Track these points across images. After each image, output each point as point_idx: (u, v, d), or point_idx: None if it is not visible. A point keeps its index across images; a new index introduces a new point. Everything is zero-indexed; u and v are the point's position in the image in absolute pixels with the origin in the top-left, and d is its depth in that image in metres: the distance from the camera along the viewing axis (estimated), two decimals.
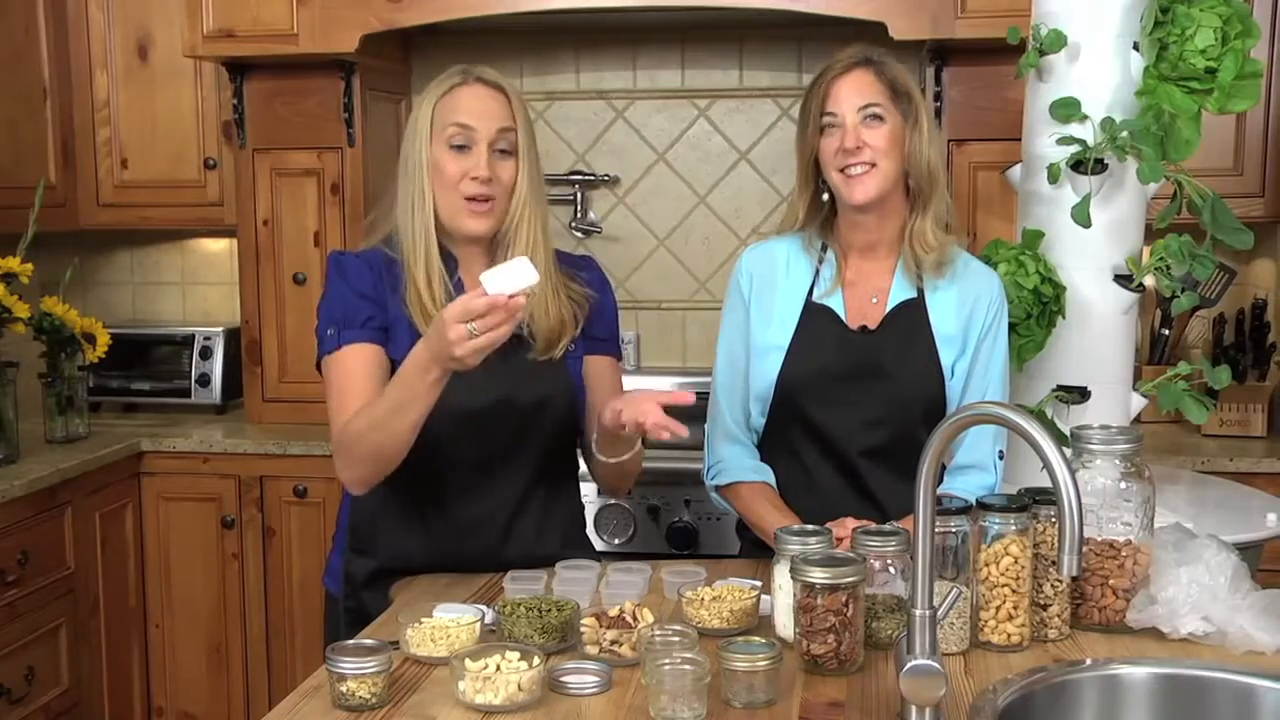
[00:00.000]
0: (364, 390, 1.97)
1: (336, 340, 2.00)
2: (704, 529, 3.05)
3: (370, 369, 1.99)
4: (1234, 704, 1.63)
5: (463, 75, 2.03)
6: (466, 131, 1.99)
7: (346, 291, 2.01)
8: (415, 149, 2.01)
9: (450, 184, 1.99)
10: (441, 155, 1.99)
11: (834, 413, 2.08)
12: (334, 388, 2.00)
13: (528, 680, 1.54)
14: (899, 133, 2.05)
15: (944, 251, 2.09)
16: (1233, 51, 2.24)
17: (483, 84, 2.02)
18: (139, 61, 3.56)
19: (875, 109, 2.04)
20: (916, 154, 2.06)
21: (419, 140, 2.01)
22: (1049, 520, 1.76)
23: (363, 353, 1.99)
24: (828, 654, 1.63)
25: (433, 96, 2.02)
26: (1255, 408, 3.24)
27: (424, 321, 1.98)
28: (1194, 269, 2.31)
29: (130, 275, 3.96)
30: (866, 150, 2.03)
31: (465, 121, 1.99)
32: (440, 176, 2.00)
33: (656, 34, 3.65)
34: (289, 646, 3.33)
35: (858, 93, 2.05)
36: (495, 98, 2.02)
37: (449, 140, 1.99)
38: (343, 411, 1.97)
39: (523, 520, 2.08)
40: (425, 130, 2.00)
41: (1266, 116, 3.17)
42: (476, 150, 1.99)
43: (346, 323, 2.00)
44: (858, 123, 2.04)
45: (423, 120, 2.01)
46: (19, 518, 2.89)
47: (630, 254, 3.73)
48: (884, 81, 2.06)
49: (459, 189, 1.99)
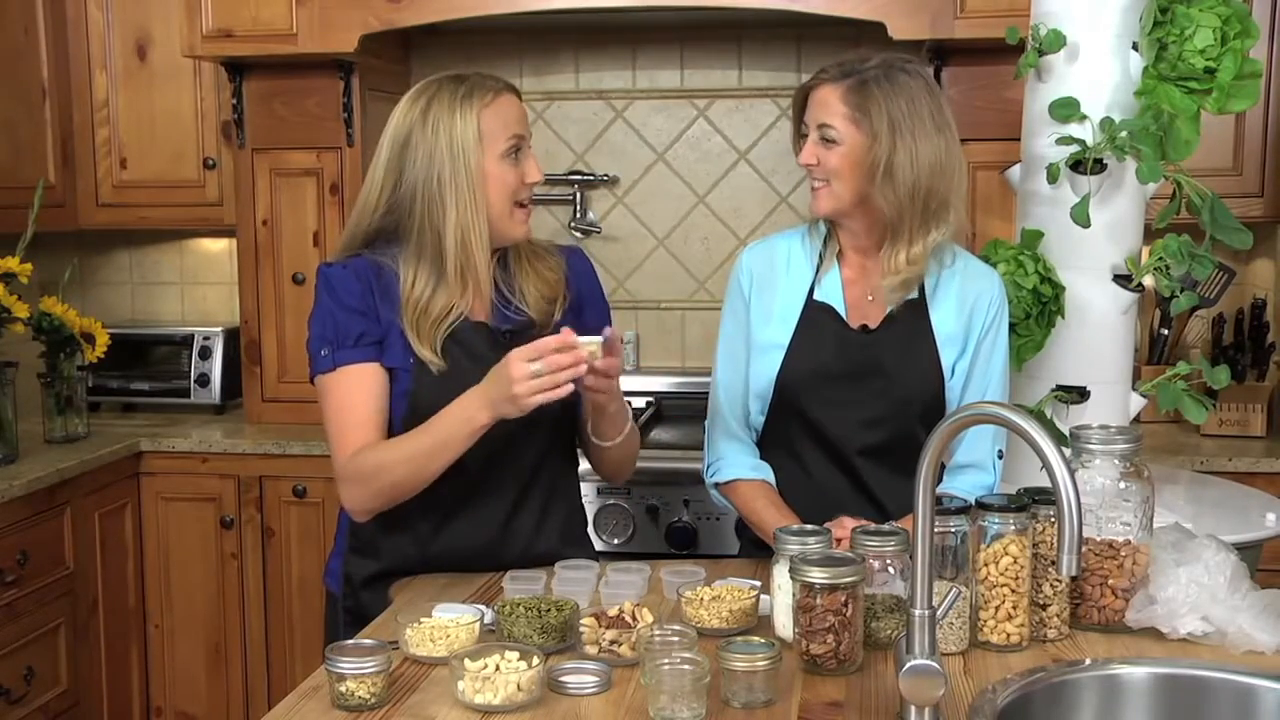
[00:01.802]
0: (367, 415, 1.98)
1: (331, 360, 2.00)
2: (703, 529, 3.05)
3: (370, 391, 1.99)
4: (1233, 704, 1.63)
5: (496, 85, 2.02)
6: (520, 140, 2.02)
7: (336, 307, 2.01)
8: (464, 161, 1.97)
9: (509, 192, 2.01)
10: (497, 165, 1.99)
11: (833, 411, 2.07)
12: (333, 410, 2.00)
13: (527, 680, 1.54)
14: (858, 155, 1.98)
15: (911, 278, 2.04)
16: (1232, 51, 2.24)
17: (511, 92, 2.05)
18: (138, 61, 3.57)
19: (828, 130, 2.00)
20: (894, 178, 1.96)
21: (467, 153, 1.97)
22: (1048, 520, 1.76)
23: (361, 374, 2.00)
24: (827, 654, 1.63)
25: (473, 108, 1.99)
26: (1254, 408, 3.24)
27: (415, 334, 1.98)
28: (1193, 269, 2.31)
29: (129, 275, 3.96)
30: (817, 170, 2.03)
31: (520, 131, 2.02)
32: (499, 185, 1.99)
33: (656, 34, 3.65)
34: (288, 647, 3.33)
35: (819, 108, 2.02)
36: (521, 105, 2.06)
37: (505, 150, 2.00)
38: (344, 437, 1.98)
39: (521, 519, 2.07)
40: (472, 142, 1.97)
41: (1265, 116, 3.17)
42: (525, 156, 2.02)
43: (339, 342, 2.00)
44: (816, 140, 2.03)
45: (468, 133, 1.97)
46: (18, 518, 2.89)
47: (629, 254, 3.73)
48: (852, 101, 1.98)
49: (515, 196, 2.02)
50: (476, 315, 2.05)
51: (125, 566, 3.32)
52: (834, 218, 2.09)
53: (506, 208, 2.01)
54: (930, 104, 1.99)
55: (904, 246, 2.02)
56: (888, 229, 2.03)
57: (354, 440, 1.97)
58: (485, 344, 2.02)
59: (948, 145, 2.00)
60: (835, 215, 2.07)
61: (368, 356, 2.00)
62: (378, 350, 2.01)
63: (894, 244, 2.02)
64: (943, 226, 2.02)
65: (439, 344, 1.99)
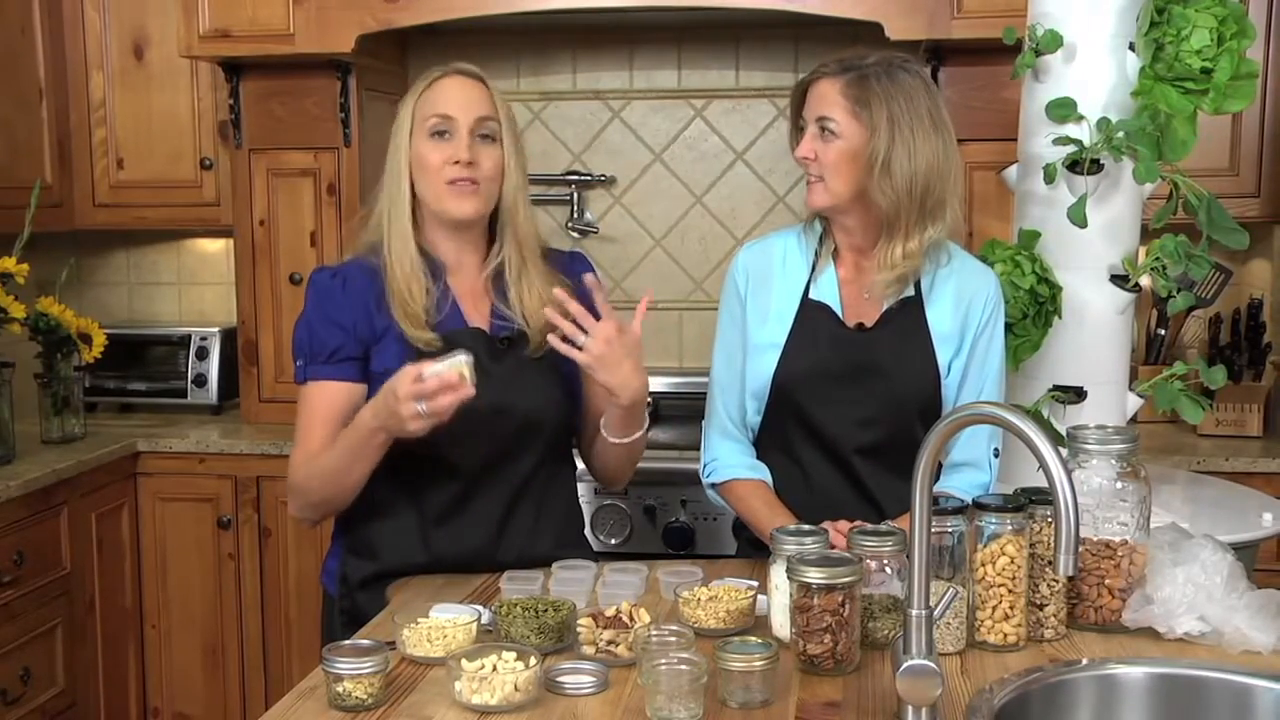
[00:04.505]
0: (319, 435, 2.01)
1: (304, 374, 2.04)
2: (700, 529, 3.05)
3: (331, 411, 2.02)
4: (1230, 703, 1.63)
5: (441, 70, 2.06)
6: (447, 120, 2.00)
7: (316, 319, 2.03)
8: (396, 146, 2.03)
9: (433, 171, 2.00)
10: (423, 146, 2.01)
11: (830, 410, 2.07)
12: (298, 422, 2.05)
13: (524, 680, 1.54)
14: (856, 149, 1.99)
15: (906, 273, 2.04)
16: (1228, 52, 2.24)
17: (461, 74, 2.05)
18: (135, 61, 3.56)
19: (827, 123, 2.01)
20: (891, 173, 1.96)
21: (400, 137, 2.03)
22: (1045, 520, 1.76)
23: (324, 393, 2.02)
24: (824, 654, 1.63)
25: (413, 95, 2.05)
26: (1251, 408, 3.24)
27: (410, 324, 1.99)
28: (1190, 269, 2.31)
29: (126, 275, 3.96)
30: (814, 164, 2.03)
31: (445, 111, 2.00)
32: (423, 166, 2.01)
33: (653, 34, 3.65)
34: (285, 647, 3.33)
35: (819, 101, 2.03)
36: (474, 87, 2.04)
37: (430, 130, 2.01)
38: (300, 450, 2.03)
39: (516, 521, 2.07)
40: (406, 126, 2.03)
41: (1262, 117, 3.18)
42: (458, 137, 2.00)
43: (313, 355, 2.03)
44: (815, 133, 2.03)
45: (404, 117, 2.03)
46: (15, 518, 2.89)
47: (626, 254, 3.73)
48: (852, 95, 1.99)
49: (441, 175, 2.00)
50: (474, 320, 2.05)
51: (122, 567, 3.32)
52: (829, 213, 2.09)
53: (437, 187, 2.01)
54: (928, 103, 2.00)
55: (900, 242, 2.02)
56: (884, 225, 2.03)
57: (305, 453, 2.02)
58: (482, 349, 2.02)
59: (945, 144, 2.00)
60: (831, 211, 2.07)
61: (339, 374, 2.02)
62: (354, 366, 2.02)
63: (890, 239, 2.03)
64: (939, 224, 2.02)
65: (427, 327, 2.00)
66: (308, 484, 2.02)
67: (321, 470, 1.99)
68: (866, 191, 2.00)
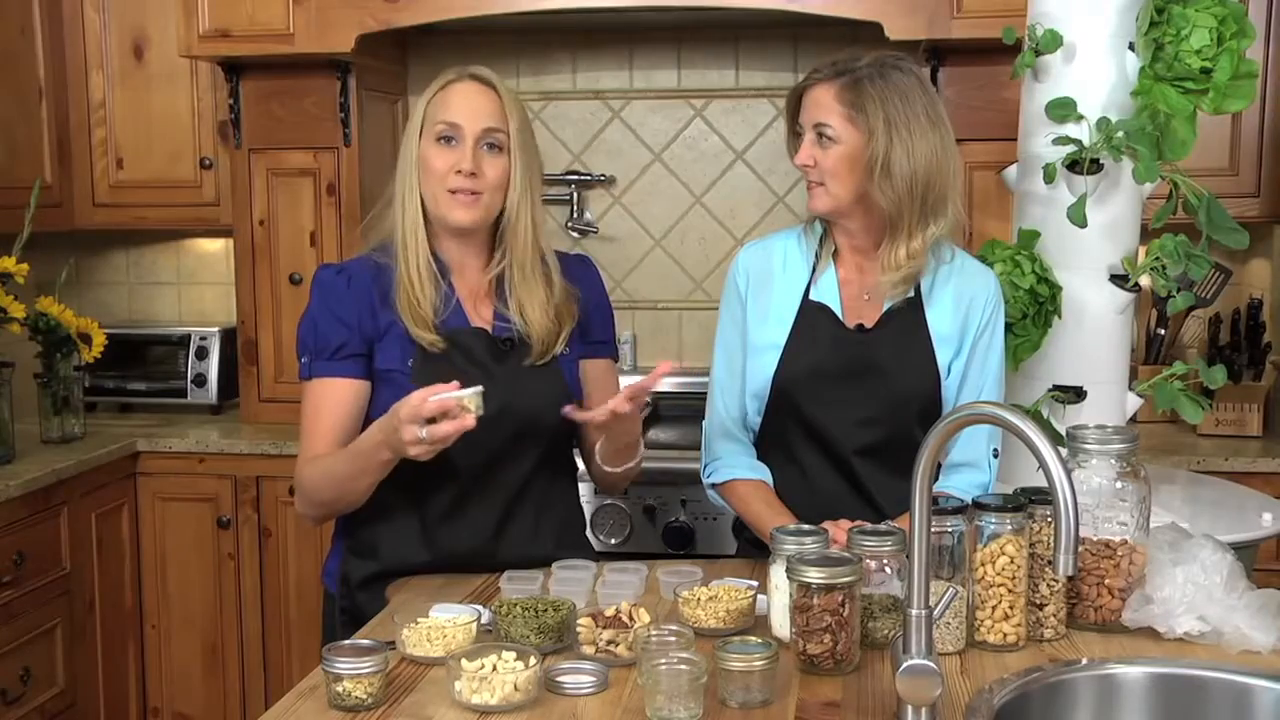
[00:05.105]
0: (325, 432, 2.01)
1: (308, 370, 2.04)
2: (700, 529, 3.05)
3: (336, 408, 2.02)
4: (1229, 703, 1.63)
5: (456, 73, 2.06)
6: (454, 128, 2.01)
7: (321, 315, 2.03)
8: (407, 146, 2.05)
9: (437, 177, 2.01)
10: (429, 149, 2.02)
11: (830, 411, 2.07)
12: (303, 418, 2.05)
13: (524, 680, 1.54)
14: (855, 153, 1.99)
15: (911, 273, 2.04)
16: (1228, 52, 2.24)
17: (475, 81, 2.04)
18: (134, 61, 3.56)
19: (824, 129, 2.01)
20: (891, 174, 1.96)
21: (411, 137, 2.04)
22: (1045, 520, 1.76)
23: (330, 389, 2.02)
24: (824, 654, 1.63)
25: (427, 95, 2.05)
26: (1251, 407, 3.24)
27: (416, 324, 1.99)
28: (1189, 269, 2.31)
29: (126, 275, 3.96)
30: (814, 170, 2.03)
31: (452, 119, 2.01)
32: (428, 170, 2.02)
33: (652, 34, 3.65)
34: (285, 647, 3.33)
35: (815, 108, 2.03)
36: (485, 94, 2.04)
37: (437, 135, 2.01)
38: (304, 447, 2.03)
39: (516, 523, 2.08)
40: (416, 127, 2.04)
41: (1262, 117, 3.18)
42: (463, 145, 2.00)
43: (318, 352, 2.03)
44: (813, 140, 2.03)
45: (415, 118, 2.05)
46: (15, 518, 2.89)
47: (626, 254, 3.73)
48: (847, 99, 1.99)
49: (444, 182, 2.01)
50: (477, 321, 2.06)
51: (122, 567, 3.32)
52: (831, 217, 2.09)
53: (438, 193, 2.01)
54: (924, 99, 2.00)
55: (903, 242, 2.02)
56: (886, 226, 2.03)
57: (311, 451, 2.02)
58: (484, 350, 2.02)
59: (943, 140, 2.01)
60: (832, 214, 2.08)
61: (344, 371, 2.02)
62: (358, 363, 2.02)
63: (893, 240, 2.03)
64: (941, 220, 2.02)
65: (433, 329, 2.01)
66: (313, 485, 2.02)
67: (328, 474, 1.99)
68: (867, 194, 2.01)
